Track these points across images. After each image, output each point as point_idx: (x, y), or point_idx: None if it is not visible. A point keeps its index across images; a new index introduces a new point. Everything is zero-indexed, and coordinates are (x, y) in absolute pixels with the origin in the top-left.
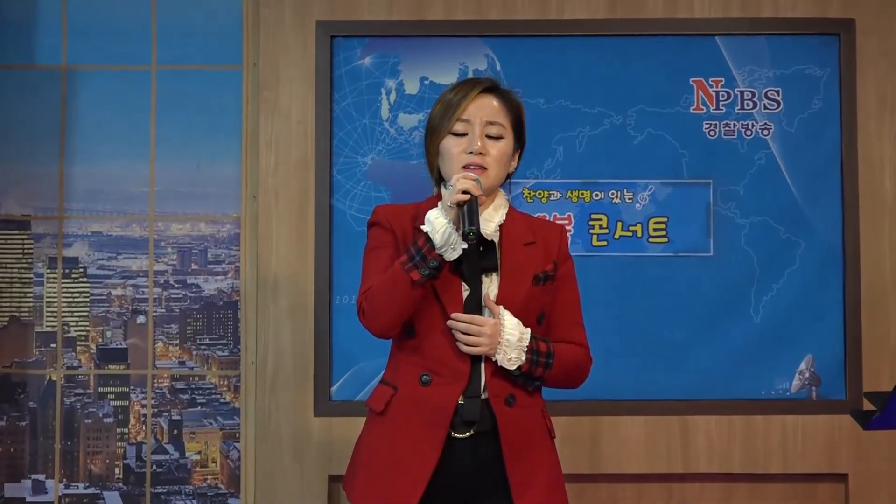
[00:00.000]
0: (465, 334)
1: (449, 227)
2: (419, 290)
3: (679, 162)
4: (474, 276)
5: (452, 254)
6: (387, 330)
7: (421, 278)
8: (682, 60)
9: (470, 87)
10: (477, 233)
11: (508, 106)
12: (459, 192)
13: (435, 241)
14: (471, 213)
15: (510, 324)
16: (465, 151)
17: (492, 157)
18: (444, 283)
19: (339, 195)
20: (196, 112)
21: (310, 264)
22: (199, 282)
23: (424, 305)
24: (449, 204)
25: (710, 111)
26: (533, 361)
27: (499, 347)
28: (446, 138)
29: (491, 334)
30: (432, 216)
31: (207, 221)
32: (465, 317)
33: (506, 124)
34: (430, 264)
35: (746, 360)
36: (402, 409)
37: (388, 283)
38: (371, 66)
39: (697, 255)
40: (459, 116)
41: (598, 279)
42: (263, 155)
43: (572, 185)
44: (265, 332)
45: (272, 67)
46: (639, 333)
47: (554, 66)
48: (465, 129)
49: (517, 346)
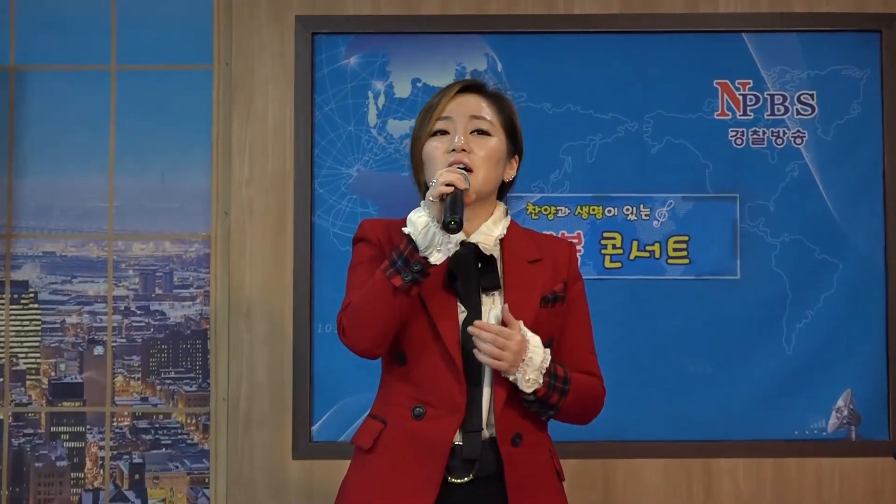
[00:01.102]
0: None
1: (432, 226)
2: (403, 299)
3: (702, 174)
4: (472, 295)
5: (438, 256)
6: (371, 347)
7: (404, 284)
8: (705, 60)
9: (451, 86)
10: (459, 224)
11: (497, 105)
12: (442, 184)
13: (417, 242)
14: (454, 204)
15: (535, 342)
16: (447, 150)
17: (478, 156)
18: (438, 303)
19: (321, 211)
20: (160, 117)
21: (288, 288)
22: (164, 308)
23: (416, 328)
24: (431, 199)
25: (736, 117)
26: (550, 386)
27: (520, 366)
28: (427, 142)
29: (518, 350)
30: (414, 215)
31: (173, 240)
32: (493, 327)
33: (494, 121)
34: (413, 268)
35: (777, 396)
36: (393, 446)
37: (369, 293)
38: (357, 66)
39: (722, 278)
40: (440, 115)
41: (610, 305)
42: (236, 165)
43: (582, 199)
44: (238, 365)
45: (246, 67)
46: (657, 366)
47: (562, 66)
48: (446, 126)
49: (538, 368)
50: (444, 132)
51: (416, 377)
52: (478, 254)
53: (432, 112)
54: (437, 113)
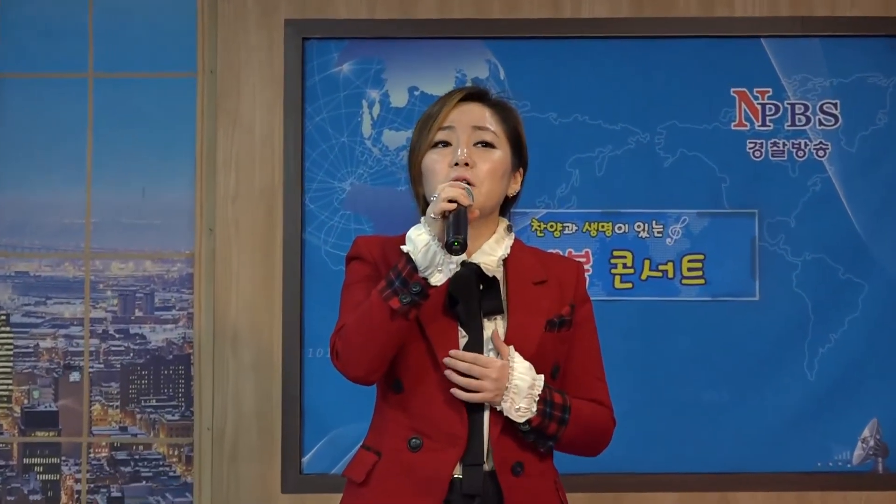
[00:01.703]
0: (466, 376)
1: (433, 244)
2: (400, 322)
3: (718, 188)
4: (473, 319)
5: (438, 277)
6: (365, 373)
7: (401, 307)
8: (721, 67)
9: (453, 93)
10: (463, 244)
11: (502, 114)
12: (445, 200)
13: (416, 261)
14: (457, 222)
15: (521, 367)
16: (449, 164)
17: (482, 171)
18: (438, 327)
19: (312, 228)
20: (141, 128)
21: (277, 310)
22: (145, 331)
23: (414, 354)
24: (433, 216)
25: (754, 128)
26: (545, 414)
27: (505, 394)
28: (427, 154)
29: (497, 378)
30: (413, 233)
31: (155, 259)
32: (468, 355)
33: (498, 132)
34: (411, 290)
35: (799, 426)
36: (387, 480)
37: (365, 315)
38: (350, 73)
39: (740, 299)
40: (440, 125)
41: (621, 328)
42: (222, 179)
43: (591, 215)
44: (223, 392)
45: (232, 75)
46: (670, 393)
47: (568, 73)
48: (447, 137)
49: (527, 395)
50: (445, 143)
51: (413, 406)
52: (479, 275)
53: (432, 121)
54: (438, 122)
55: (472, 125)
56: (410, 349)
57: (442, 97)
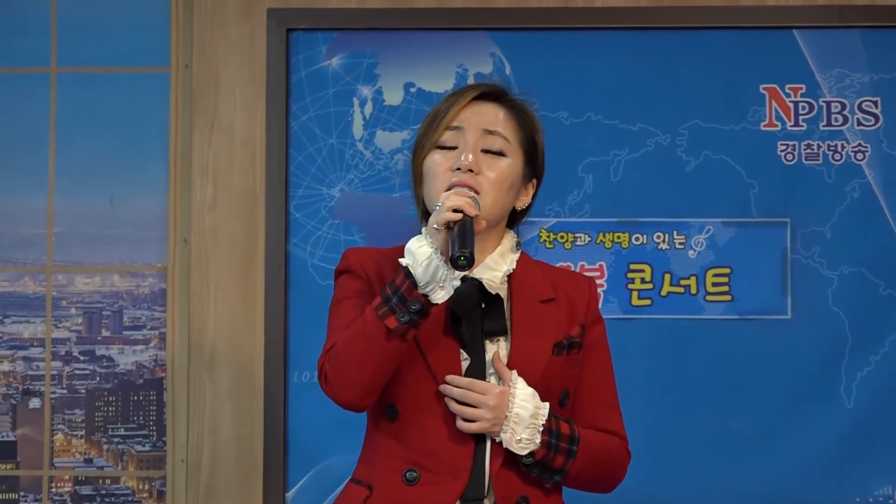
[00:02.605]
0: (462, 404)
1: (435, 258)
2: (397, 344)
3: (746, 195)
4: (476, 340)
5: (440, 294)
6: (357, 399)
7: (399, 326)
8: (749, 62)
9: (466, 90)
10: (470, 259)
11: (518, 118)
12: (449, 209)
13: (416, 276)
14: (462, 234)
15: (523, 394)
16: (451, 168)
17: (487, 179)
18: (438, 348)
19: (298, 238)
20: (109, 128)
21: (259, 330)
22: (113, 353)
23: (411, 378)
24: (435, 226)
25: (786, 128)
26: (551, 446)
27: (505, 423)
28: (430, 154)
29: (496, 405)
30: (413, 245)
31: (123, 273)
32: (464, 380)
33: (511, 138)
34: (410, 307)
35: (836, 457)
36: None
37: (358, 335)
38: (340, 68)
39: (770, 318)
40: (448, 124)
41: (638, 350)
42: (198, 185)
43: (605, 225)
44: (199, 421)
45: (209, 70)
46: (692, 423)
47: (581, 69)
48: (454, 139)
49: (530, 425)
50: (451, 145)
51: (409, 435)
52: (482, 292)
53: (440, 119)
54: (446, 121)
55: (483, 128)
56: (407, 372)
57: (455, 92)
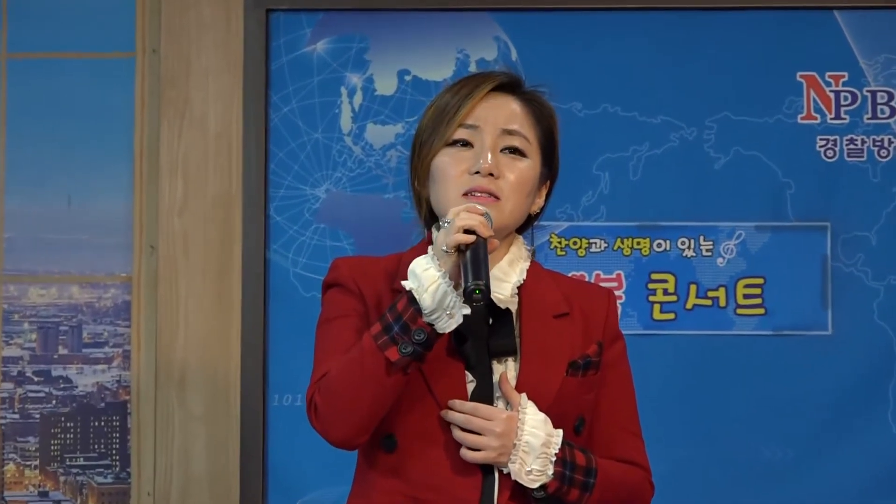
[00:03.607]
0: (466, 431)
1: (444, 283)
2: (398, 377)
3: (781, 196)
4: (483, 360)
5: (449, 323)
6: (352, 437)
7: (401, 358)
8: (785, 46)
9: (480, 81)
10: (486, 292)
11: (537, 113)
12: (460, 230)
13: (422, 304)
14: (476, 262)
15: (533, 420)
16: (468, 171)
17: (508, 182)
18: (440, 371)
19: (279, 245)
20: (67, 121)
21: (235, 347)
22: (71, 374)
23: (410, 404)
24: (444, 249)
25: (826, 121)
26: (564, 478)
27: (514, 453)
28: (440, 153)
29: (503, 432)
30: (419, 267)
31: (83, 284)
32: (467, 405)
33: (531, 137)
34: (414, 337)
35: (883, 487)
36: None
37: (354, 365)
38: (326, 53)
39: (809, 333)
40: (462, 121)
41: (661, 369)
42: (166, 185)
43: (624, 229)
44: (168, 449)
45: (180, 55)
46: (722, 451)
47: (596, 55)
48: (469, 137)
49: (541, 454)
50: (465, 143)
51: (409, 468)
52: (489, 306)
53: (452, 115)
54: (460, 118)
55: (501, 127)
56: (406, 397)
57: (465, 81)
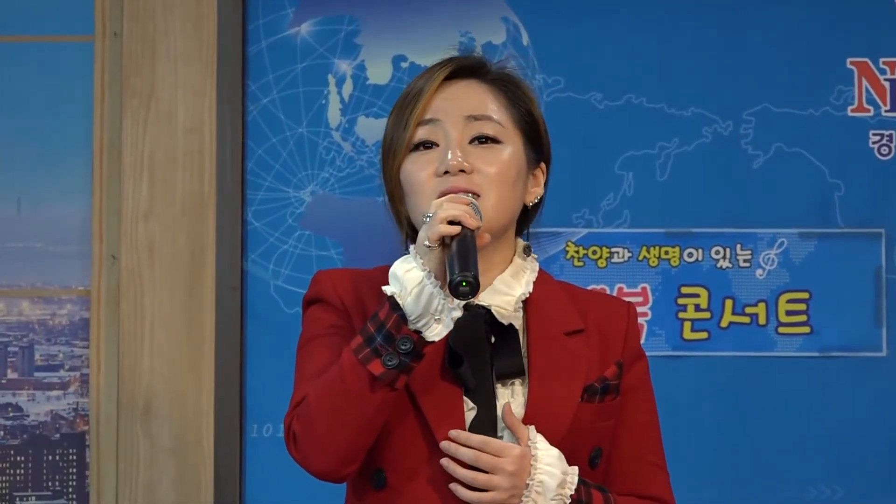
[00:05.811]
0: (470, 468)
1: (429, 284)
2: (384, 394)
3: (829, 198)
4: (485, 384)
5: (438, 329)
6: (335, 466)
7: (386, 371)
8: (833, 30)
9: (433, 71)
10: (475, 285)
11: (508, 94)
12: (444, 221)
13: (406, 309)
14: (463, 254)
15: (548, 457)
16: (436, 174)
17: (485, 176)
18: (435, 397)
19: (258, 255)
20: (16, 114)
21: (208, 370)
22: (21, 401)
23: (401, 435)
24: (427, 244)
25: (880, 114)
26: None
27: (526, 494)
28: (405, 162)
29: (515, 471)
30: (400, 269)
31: (35, 298)
32: (475, 438)
33: (504, 121)
34: (399, 347)
35: None
36: None
37: (334, 385)
38: (311, 37)
39: (860, 355)
40: (419, 118)
41: (691, 395)
42: (130, 187)
43: (650, 237)
44: (131, 485)
45: (145, 39)
46: (761, 487)
47: (619, 39)
48: (431, 135)
49: (556, 496)
50: (428, 144)
51: None
52: (491, 322)
53: (409, 114)
54: (417, 115)
55: (465, 115)
56: (397, 427)
57: (420, 75)
